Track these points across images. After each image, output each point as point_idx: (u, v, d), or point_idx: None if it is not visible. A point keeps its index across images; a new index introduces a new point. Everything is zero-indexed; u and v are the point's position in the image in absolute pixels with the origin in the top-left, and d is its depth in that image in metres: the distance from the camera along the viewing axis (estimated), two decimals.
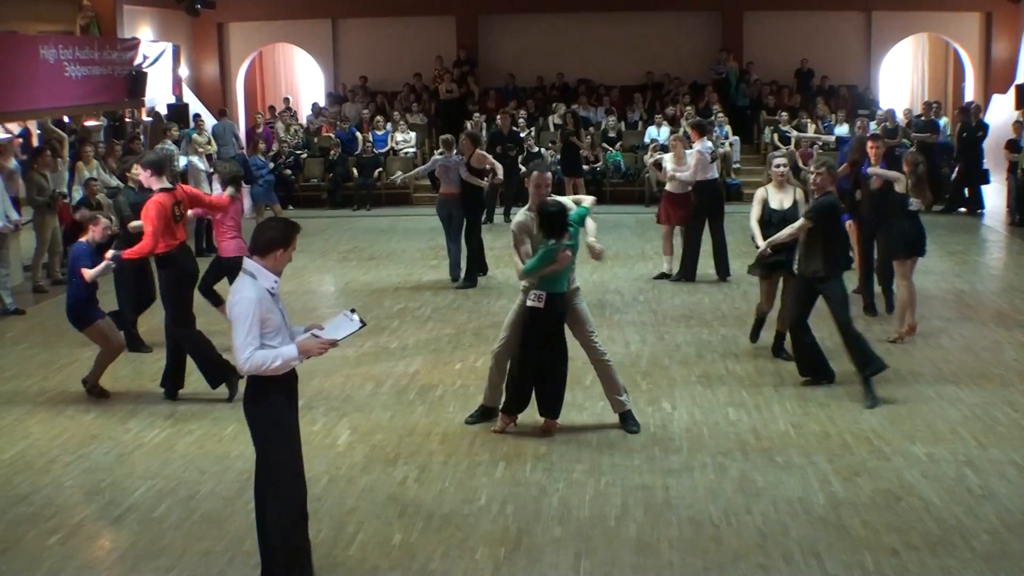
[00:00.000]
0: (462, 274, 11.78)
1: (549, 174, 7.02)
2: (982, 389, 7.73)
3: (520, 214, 6.91)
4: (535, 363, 6.75)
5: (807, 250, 7.58)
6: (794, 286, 7.94)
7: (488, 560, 5.19)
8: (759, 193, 8.51)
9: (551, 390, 6.88)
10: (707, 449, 6.64)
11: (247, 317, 4.55)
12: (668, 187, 11.85)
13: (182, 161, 15.14)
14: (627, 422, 7.03)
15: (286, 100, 21.21)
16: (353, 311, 4.84)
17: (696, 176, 11.47)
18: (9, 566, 5.22)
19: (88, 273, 7.68)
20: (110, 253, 7.85)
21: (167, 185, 7.69)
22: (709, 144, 11.73)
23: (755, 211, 8.36)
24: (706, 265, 11.95)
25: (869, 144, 9.56)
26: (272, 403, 4.74)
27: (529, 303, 6.68)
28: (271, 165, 16.69)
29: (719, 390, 7.85)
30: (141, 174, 7.88)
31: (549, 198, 6.78)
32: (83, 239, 8.01)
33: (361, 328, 4.81)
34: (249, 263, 4.69)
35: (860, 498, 5.82)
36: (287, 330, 4.75)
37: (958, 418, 7.13)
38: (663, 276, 11.92)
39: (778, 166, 8.44)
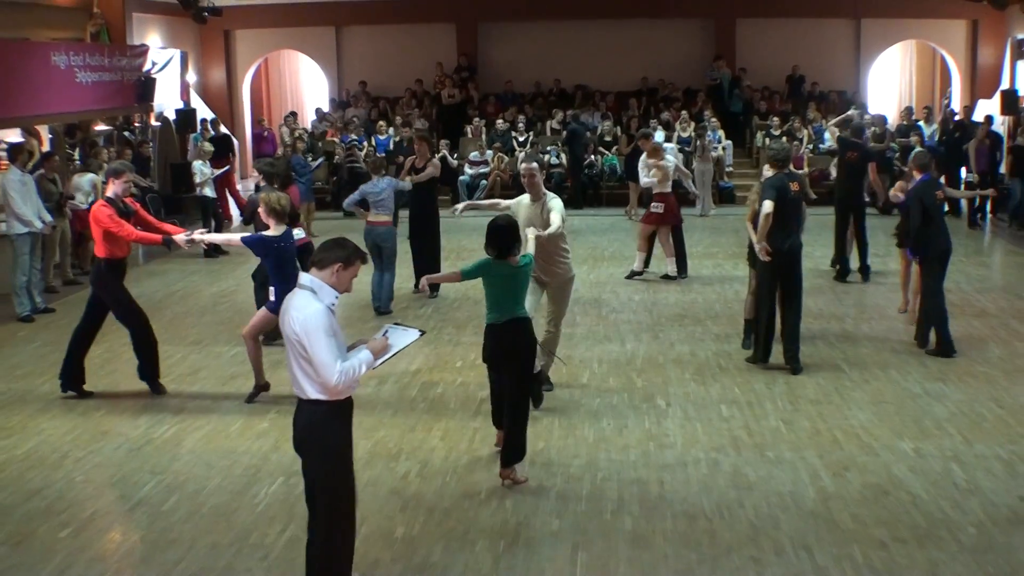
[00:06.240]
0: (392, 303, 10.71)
1: (535, 164, 7.44)
2: (968, 386, 7.87)
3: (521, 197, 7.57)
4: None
5: None
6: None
7: (488, 552, 5.29)
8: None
9: None
10: (700, 445, 6.76)
11: (324, 330, 4.26)
12: (659, 190, 12.02)
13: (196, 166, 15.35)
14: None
15: (292, 114, 21.56)
16: (397, 323, 4.82)
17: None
18: (22, 559, 5.32)
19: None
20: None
21: None
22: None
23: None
24: (697, 266, 12.35)
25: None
26: (334, 432, 4.46)
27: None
28: (313, 165, 16.98)
29: (712, 387, 7.98)
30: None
31: (503, 215, 6.62)
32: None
33: (420, 336, 4.76)
34: (308, 278, 4.42)
35: (849, 492, 5.93)
36: (343, 349, 4.46)
37: (944, 414, 7.26)
38: (665, 276, 12.12)
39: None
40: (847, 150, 11.81)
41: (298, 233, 9.21)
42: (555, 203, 7.42)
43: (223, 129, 19.40)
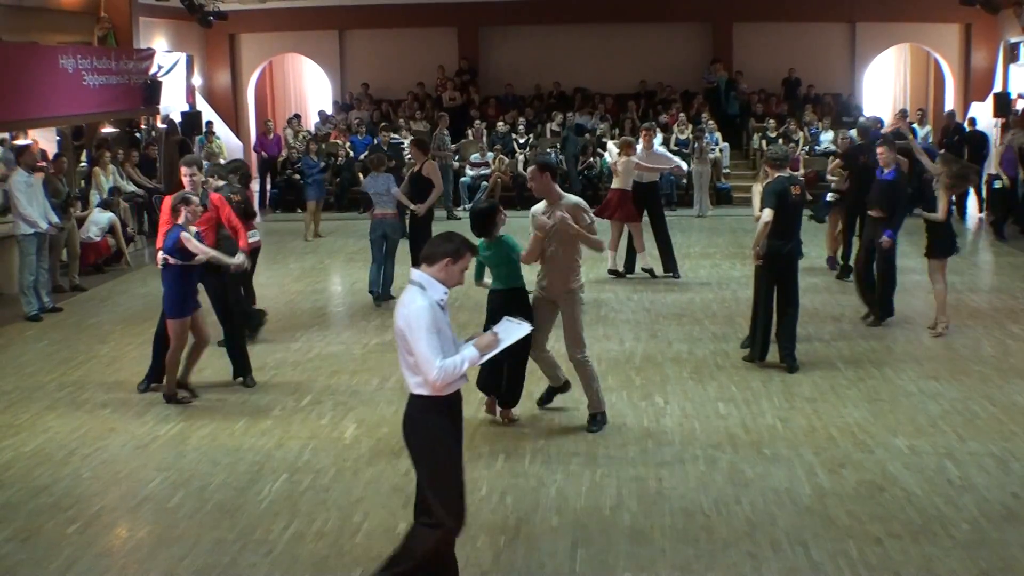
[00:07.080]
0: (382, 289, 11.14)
1: (534, 167, 7.18)
2: (961, 384, 7.94)
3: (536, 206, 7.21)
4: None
5: None
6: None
7: (488, 548, 5.35)
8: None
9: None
10: (698, 442, 6.83)
11: (426, 326, 4.33)
12: (614, 184, 12.20)
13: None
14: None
15: (296, 116, 21.74)
16: (511, 319, 4.82)
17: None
18: (30, 554, 5.38)
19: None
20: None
21: None
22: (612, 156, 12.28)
23: None
24: (694, 266, 12.42)
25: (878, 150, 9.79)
26: (432, 424, 4.53)
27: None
28: (322, 164, 17.17)
29: (709, 385, 8.05)
30: None
31: (482, 201, 7.05)
32: (178, 222, 7.61)
33: (530, 331, 4.81)
34: (418, 274, 4.49)
35: (845, 489, 5.99)
36: (454, 345, 4.51)
37: (939, 412, 7.32)
38: (644, 270, 12.30)
39: None
40: (859, 154, 11.61)
41: (252, 235, 9.26)
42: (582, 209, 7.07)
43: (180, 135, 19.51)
